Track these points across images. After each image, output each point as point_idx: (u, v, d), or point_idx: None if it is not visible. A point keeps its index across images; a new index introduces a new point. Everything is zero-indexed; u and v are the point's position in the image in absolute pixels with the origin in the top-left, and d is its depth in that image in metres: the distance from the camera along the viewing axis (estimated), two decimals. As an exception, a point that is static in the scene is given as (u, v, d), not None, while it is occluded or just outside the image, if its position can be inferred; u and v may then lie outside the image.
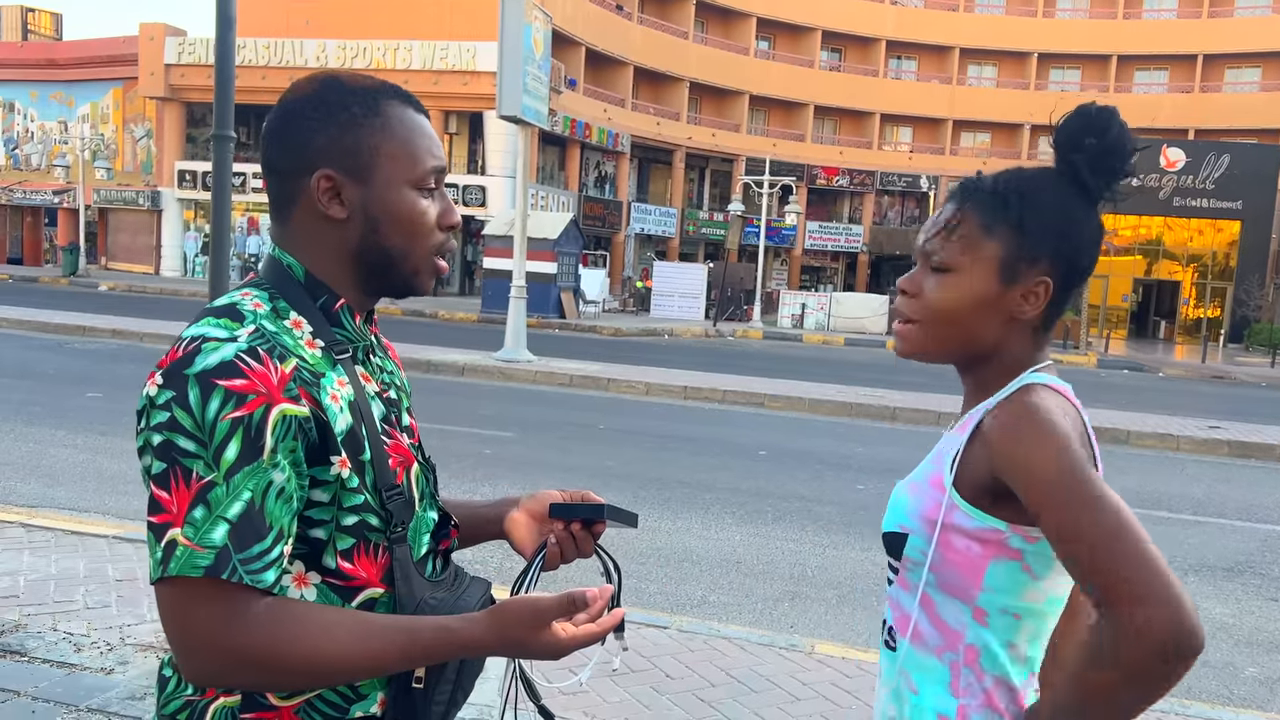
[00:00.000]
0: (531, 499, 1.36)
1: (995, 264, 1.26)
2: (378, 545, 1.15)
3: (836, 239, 45.08)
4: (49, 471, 6.70)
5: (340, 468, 1.11)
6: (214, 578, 1.02)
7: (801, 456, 9.07)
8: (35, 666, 3.53)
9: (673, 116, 40.82)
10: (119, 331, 15.54)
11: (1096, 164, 1.24)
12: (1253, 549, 6.69)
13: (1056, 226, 1.25)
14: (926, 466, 1.32)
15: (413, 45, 31.36)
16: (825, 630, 4.64)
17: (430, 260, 1.23)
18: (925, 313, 1.29)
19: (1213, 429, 11.73)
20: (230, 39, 4.12)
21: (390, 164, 1.18)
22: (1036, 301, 1.26)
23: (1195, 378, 21.89)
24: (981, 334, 1.28)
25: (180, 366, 1.05)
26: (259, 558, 1.04)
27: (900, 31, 44.94)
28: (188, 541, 1.02)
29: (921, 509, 1.27)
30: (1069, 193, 1.26)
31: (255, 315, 1.11)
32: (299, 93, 1.19)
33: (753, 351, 21.47)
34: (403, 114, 1.20)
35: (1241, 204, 34.33)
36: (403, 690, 1.15)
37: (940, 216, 1.31)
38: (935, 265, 1.28)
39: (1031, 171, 1.30)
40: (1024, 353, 1.29)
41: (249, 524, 1.04)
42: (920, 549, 1.26)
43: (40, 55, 37.76)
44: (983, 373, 1.31)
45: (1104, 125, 1.24)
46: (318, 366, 1.13)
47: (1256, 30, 42.70)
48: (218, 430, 1.03)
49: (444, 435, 8.39)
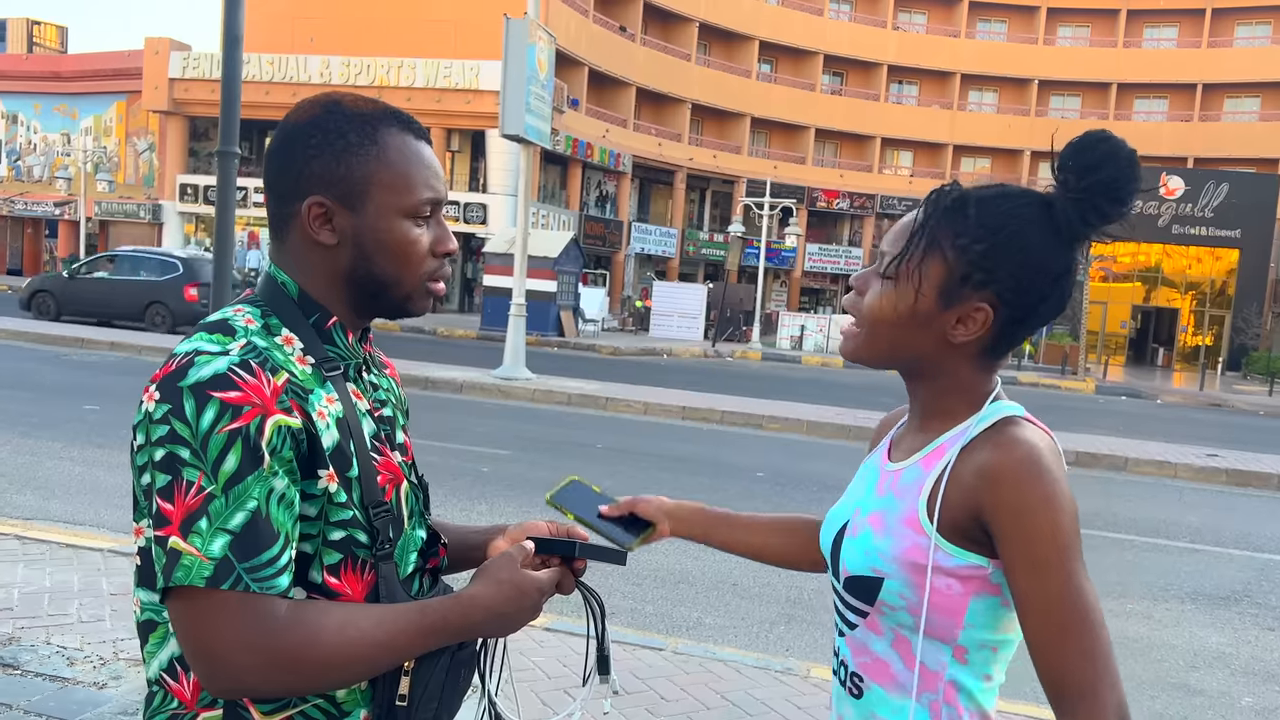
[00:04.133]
0: (518, 528, 1.35)
1: (935, 281, 1.19)
2: (364, 562, 1.16)
3: (836, 261, 45.23)
4: (45, 484, 6.68)
5: (328, 482, 1.12)
6: (214, 588, 1.03)
7: (799, 479, 9.05)
8: (28, 680, 3.51)
9: (674, 137, 41.02)
10: (117, 344, 15.55)
11: (1077, 200, 1.16)
12: (1250, 578, 6.67)
13: (1010, 255, 1.17)
14: (891, 504, 1.25)
15: (416, 63, 31.56)
16: (821, 654, 4.62)
17: (423, 285, 1.23)
18: (862, 315, 1.25)
19: (1210, 457, 11.72)
20: (237, 56, 4.15)
21: (382, 193, 1.18)
22: (973, 327, 1.19)
23: (1193, 405, 21.90)
24: (912, 348, 1.23)
25: (174, 379, 1.06)
26: (268, 564, 1.05)
27: (902, 56, 45.26)
28: (195, 551, 1.03)
29: (897, 551, 1.20)
30: (1040, 222, 1.17)
31: (246, 331, 1.13)
32: (300, 116, 1.20)
33: (751, 372, 21.48)
34: (402, 142, 1.20)
35: (1240, 232, 34.45)
36: (386, 708, 1.15)
37: (903, 221, 1.26)
38: (882, 270, 1.24)
39: (1013, 193, 1.20)
40: (971, 377, 1.23)
41: (253, 533, 1.05)
42: (898, 593, 1.20)
43: (45, 68, 37.98)
44: (928, 393, 1.26)
45: (1095, 162, 1.15)
46: (307, 383, 1.14)
47: (1256, 60, 43.03)
48: (213, 443, 1.04)
49: (441, 452, 8.38)
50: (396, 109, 1.24)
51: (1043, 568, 1.12)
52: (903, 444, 1.31)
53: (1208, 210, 34.48)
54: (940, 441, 1.23)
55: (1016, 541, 1.13)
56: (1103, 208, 1.16)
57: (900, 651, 1.23)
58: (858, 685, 1.27)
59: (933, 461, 1.22)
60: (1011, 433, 1.17)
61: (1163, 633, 5.37)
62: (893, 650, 1.23)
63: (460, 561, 1.41)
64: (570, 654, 4.12)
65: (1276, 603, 6.12)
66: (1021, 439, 1.16)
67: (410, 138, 1.22)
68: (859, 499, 1.32)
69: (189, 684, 1.13)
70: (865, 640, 1.26)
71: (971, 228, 1.18)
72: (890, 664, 1.24)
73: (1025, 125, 44.82)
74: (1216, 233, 34.77)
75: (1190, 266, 38.75)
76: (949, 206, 1.20)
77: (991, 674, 1.23)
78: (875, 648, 1.25)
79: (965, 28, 45.97)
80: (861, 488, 1.33)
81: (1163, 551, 7.18)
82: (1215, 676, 4.78)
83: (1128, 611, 5.64)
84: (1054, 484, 1.13)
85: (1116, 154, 1.14)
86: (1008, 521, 1.13)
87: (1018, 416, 1.21)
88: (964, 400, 1.23)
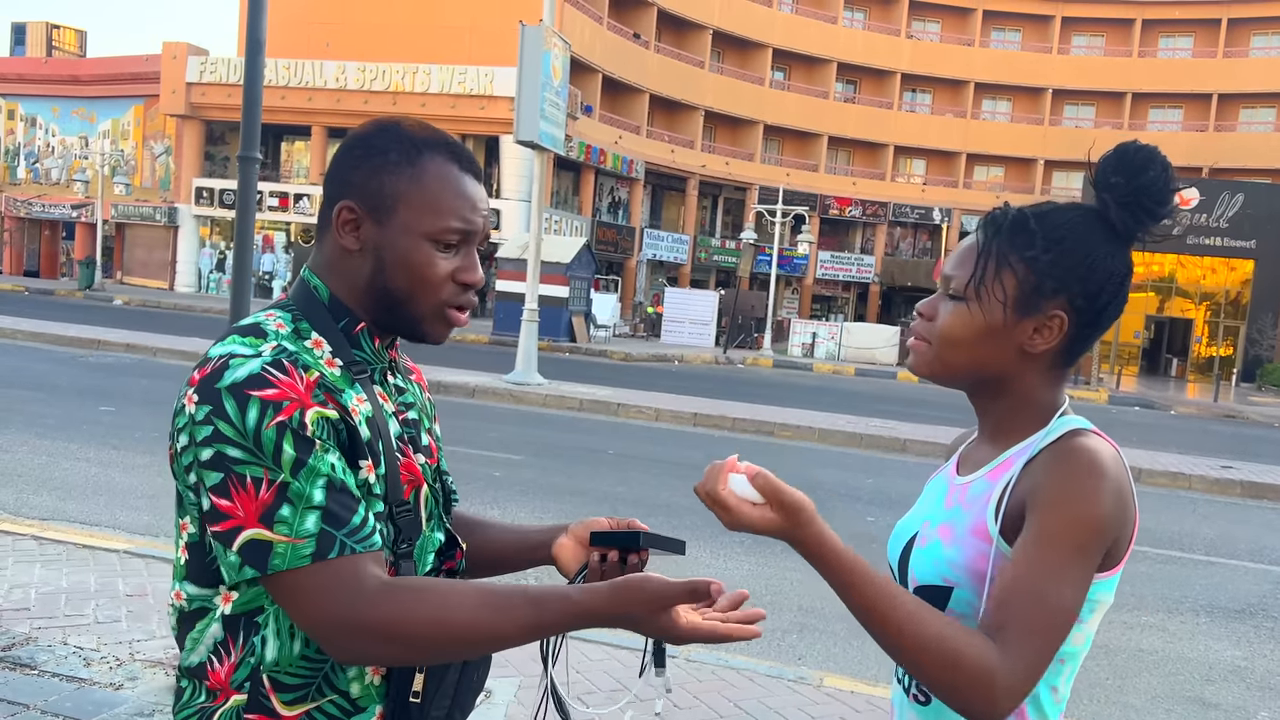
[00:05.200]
0: (580, 524, 1.38)
1: (1009, 295, 1.24)
2: (386, 558, 1.19)
3: (848, 269, 45.15)
4: (61, 484, 6.72)
5: (368, 472, 1.17)
6: (323, 560, 1.07)
7: (811, 487, 9.04)
8: (45, 680, 3.53)
9: (687, 144, 41.06)
10: (133, 346, 15.63)
11: (1127, 203, 1.23)
12: (1265, 591, 6.63)
13: (1077, 261, 1.23)
14: (959, 515, 1.28)
15: (431, 69, 31.68)
16: (834, 663, 4.62)
17: (440, 311, 1.24)
18: (936, 337, 1.29)
19: (1225, 469, 11.65)
20: (259, 62, 4.18)
21: (409, 212, 1.20)
22: (1050, 336, 1.25)
23: (1207, 416, 21.77)
24: (989, 363, 1.27)
25: (211, 381, 1.10)
26: (361, 527, 1.11)
27: (915, 65, 45.21)
28: (284, 538, 1.08)
29: (966, 560, 1.23)
30: (1097, 230, 1.25)
31: (277, 334, 1.17)
32: (360, 131, 1.26)
33: (763, 380, 21.46)
34: (444, 170, 1.23)
35: (1255, 243, 34.25)
36: (400, 704, 1.18)
37: (964, 245, 1.32)
38: (951, 292, 1.28)
39: (1064, 207, 1.28)
40: (1042, 391, 1.28)
41: (337, 502, 1.10)
42: (966, 601, 1.23)
43: (64, 71, 38.27)
44: (998, 408, 1.30)
45: (1140, 166, 1.23)
46: (338, 383, 1.17)
47: (1272, 70, 42.81)
48: (265, 438, 1.08)
49: (454, 457, 8.34)
50: (453, 140, 1.26)
51: (1044, 542, 1.13)
52: (971, 459, 1.35)
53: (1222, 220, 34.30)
54: (1008, 455, 1.27)
55: (1037, 511, 1.15)
56: (1151, 208, 1.24)
57: None
58: (925, 692, 1.28)
59: (1000, 474, 1.25)
60: (1075, 441, 1.21)
61: (1178, 645, 5.34)
62: None
63: (524, 562, 1.44)
64: (618, 666, 4.12)
65: (1292, 616, 6.08)
66: (1083, 445, 1.19)
67: (455, 168, 1.24)
68: (928, 512, 1.35)
69: (225, 667, 1.16)
70: None
71: (1037, 240, 1.25)
72: None
73: (1039, 134, 44.70)
74: (1231, 243, 34.58)
75: (1205, 277, 38.55)
76: (1010, 225, 1.27)
77: (1058, 686, 1.25)
78: None
79: (979, 36, 45.91)
80: (930, 501, 1.37)
81: (1177, 564, 7.14)
82: (1231, 690, 4.75)
83: (1142, 624, 5.61)
84: (1099, 484, 1.15)
85: (1154, 158, 1.23)
86: (1041, 499, 1.16)
87: (1084, 429, 1.24)
88: (1034, 415, 1.28)
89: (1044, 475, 1.18)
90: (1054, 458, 1.19)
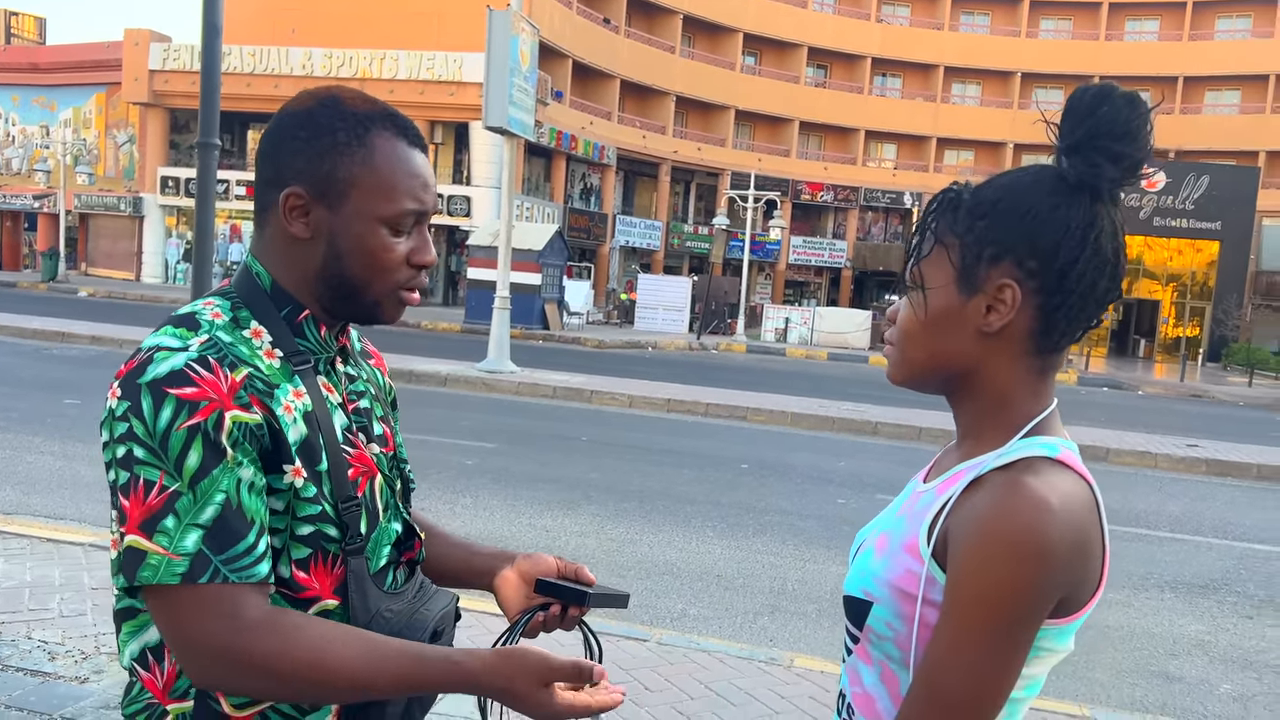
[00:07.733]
0: (527, 560, 1.35)
1: (949, 272, 1.10)
2: (334, 556, 1.15)
3: (820, 254, 45.30)
4: (25, 478, 6.63)
5: (294, 476, 1.11)
6: (193, 583, 1.03)
7: (783, 470, 9.08)
8: (9, 674, 3.49)
9: (659, 130, 40.98)
10: (98, 338, 15.43)
11: (1078, 145, 1.06)
12: (1229, 566, 6.74)
13: (1015, 219, 1.07)
14: (899, 525, 1.14)
15: (399, 55, 31.38)
16: (805, 644, 4.65)
17: (395, 293, 1.21)
18: (896, 335, 1.18)
19: (1191, 447, 11.83)
20: (216, 47, 4.12)
21: (363, 197, 1.16)
22: (1005, 310, 1.07)
23: (1174, 396, 22.07)
24: (949, 354, 1.12)
25: (134, 376, 1.07)
26: (245, 554, 1.06)
27: (885, 49, 45.31)
28: (163, 550, 1.03)
29: (890, 576, 1.09)
30: (1044, 184, 1.08)
31: (212, 325, 1.12)
32: (296, 105, 1.19)
33: (736, 365, 21.51)
34: (392, 148, 1.18)
35: (1220, 224, 34.75)
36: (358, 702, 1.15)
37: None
38: (905, 288, 1.17)
39: (1010, 172, 1.13)
40: (1016, 387, 1.10)
41: (226, 526, 1.05)
42: (885, 621, 1.09)
43: (23, 59, 37.57)
44: (970, 410, 1.14)
45: (1090, 105, 1.06)
46: (274, 377, 1.13)
47: (1236, 53, 43.28)
48: (173, 440, 1.04)
49: (426, 446, 8.36)
50: (395, 111, 1.21)
51: (957, 618, 0.99)
52: (940, 464, 1.20)
53: (1189, 202, 34.75)
54: (962, 466, 1.11)
55: (956, 566, 1.01)
56: (1110, 146, 1.06)
57: (888, 687, 1.12)
58: (850, 715, 1.17)
59: (947, 488, 1.10)
60: (1021, 482, 1.01)
61: (1143, 621, 5.42)
62: (881, 684, 1.13)
63: (465, 584, 1.40)
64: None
65: (1255, 591, 6.18)
66: (1028, 494, 1.00)
67: (403, 144, 1.19)
68: (883, 517, 1.23)
69: (161, 675, 1.13)
70: (857, 669, 1.16)
71: (971, 208, 1.10)
72: (877, 699, 1.13)
73: (1008, 118, 44.97)
74: (1197, 225, 35.06)
75: (1171, 258, 39.08)
76: (945, 202, 1.14)
77: None
78: (865, 680, 1.15)
79: (949, 20, 46.07)
80: (893, 506, 1.24)
81: (1143, 541, 7.24)
82: (1194, 664, 4.83)
83: (1108, 600, 5.68)
84: (1031, 543, 0.97)
85: (1110, 93, 1.07)
86: (961, 553, 1.01)
87: (1049, 459, 1.05)
88: (1004, 421, 1.10)
89: (972, 519, 1.02)
90: (991, 498, 1.02)
